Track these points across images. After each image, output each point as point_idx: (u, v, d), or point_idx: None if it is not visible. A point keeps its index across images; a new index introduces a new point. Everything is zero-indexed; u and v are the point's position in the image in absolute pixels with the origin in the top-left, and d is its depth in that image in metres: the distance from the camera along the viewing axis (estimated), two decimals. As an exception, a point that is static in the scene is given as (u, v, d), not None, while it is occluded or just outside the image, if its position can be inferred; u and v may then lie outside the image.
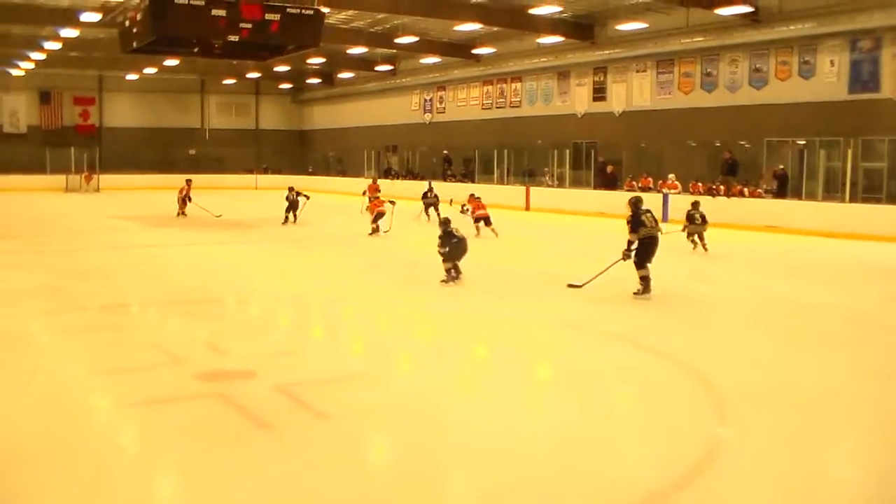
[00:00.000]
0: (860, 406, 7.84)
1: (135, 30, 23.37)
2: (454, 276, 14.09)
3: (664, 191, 27.75)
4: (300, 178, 45.11)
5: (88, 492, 5.73)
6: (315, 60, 43.10)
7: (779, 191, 26.06)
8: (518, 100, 38.67)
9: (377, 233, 21.92)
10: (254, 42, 23.59)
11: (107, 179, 46.61)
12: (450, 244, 13.88)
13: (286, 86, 55.97)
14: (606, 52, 32.49)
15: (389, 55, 43.57)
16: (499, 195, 33.44)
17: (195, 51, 25.53)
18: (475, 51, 37.98)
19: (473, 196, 23.65)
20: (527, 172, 36.18)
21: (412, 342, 10.50)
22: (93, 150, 48.58)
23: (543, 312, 12.10)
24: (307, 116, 58.68)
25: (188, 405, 7.49)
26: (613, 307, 12.61)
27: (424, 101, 45.69)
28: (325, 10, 25.57)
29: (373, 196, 25.84)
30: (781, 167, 26.40)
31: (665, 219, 25.84)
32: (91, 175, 46.46)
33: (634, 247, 13.01)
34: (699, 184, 28.11)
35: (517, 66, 37.14)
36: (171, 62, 43.02)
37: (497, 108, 40.09)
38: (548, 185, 34.19)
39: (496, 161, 37.00)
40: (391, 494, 5.74)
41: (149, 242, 20.54)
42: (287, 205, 25.66)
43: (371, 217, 22.42)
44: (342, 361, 9.43)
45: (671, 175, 28.43)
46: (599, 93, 34.13)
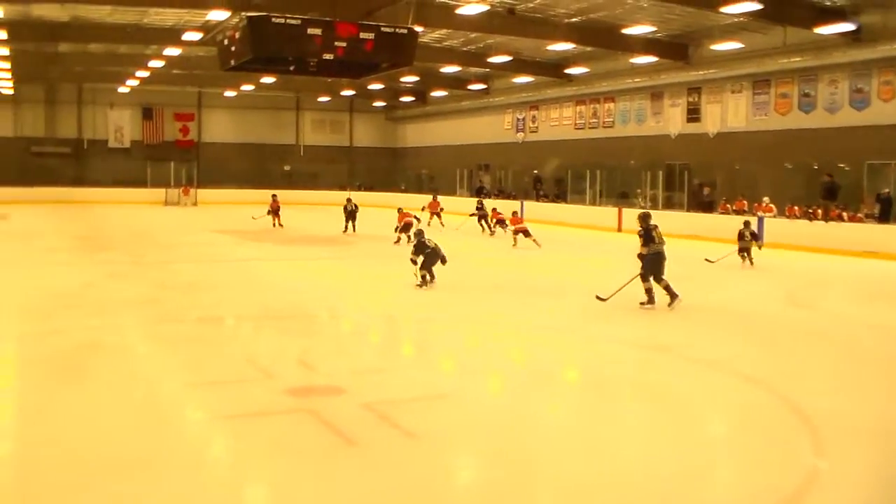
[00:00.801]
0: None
1: (233, 48, 23.87)
2: (428, 282, 15.72)
3: (759, 214, 27.26)
4: (393, 196, 45.59)
5: (181, 503, 5.84)
6: (409, 79, 43.43)
7: (881, 215, 25.29)
8: (611, 120, 38.43)
9: (400, 241, 23.87)
10: (348, 60, 23.88)
11: (204, 193, 47.69)
12: (423, 254, 15.58)
13: (380, 103, 56.47)
14: (701, 73, 32.14)
15: (482, 74, 43.69)
16: (590, 216, 33.33)
17: (291, 69, 25.93)
18: (568, 70, 37.93)
19: (516, 214, 26.89)
20: (619, 194, 35.87)
21: (503, 362, 10.43)
22: (191, 165, 49.92)
23: (629, 334, 11.96)
24: (400, 134, 59.09)
25: (278, 420, 7.58)
26: (698, 330, 12.46)
27: (517, 121, 45.68)
28: (419, 29, 25.83)
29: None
30: (886, 190, 25.63)
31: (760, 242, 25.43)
32: (188, 189, 47.59)
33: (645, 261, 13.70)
34: (795, 207, 27.57)
35: (610, 86, 36.95)
36: (268, 80, 43.84)
37: (590, 129, 39.89)
38: (640, 207, 33.84)
39: (588, 182, 36.77)
40: (476, 516, 5.74)
41: (243, 256, 20.89)
42: (345, 215, 27.42)
43: (399, 226, 24.54)
44: (432, 380, 9.44)
45: (766, 198, 27.90)
46: (693, 113, 33.73)
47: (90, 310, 13.28)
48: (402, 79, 43.29)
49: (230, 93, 51.71)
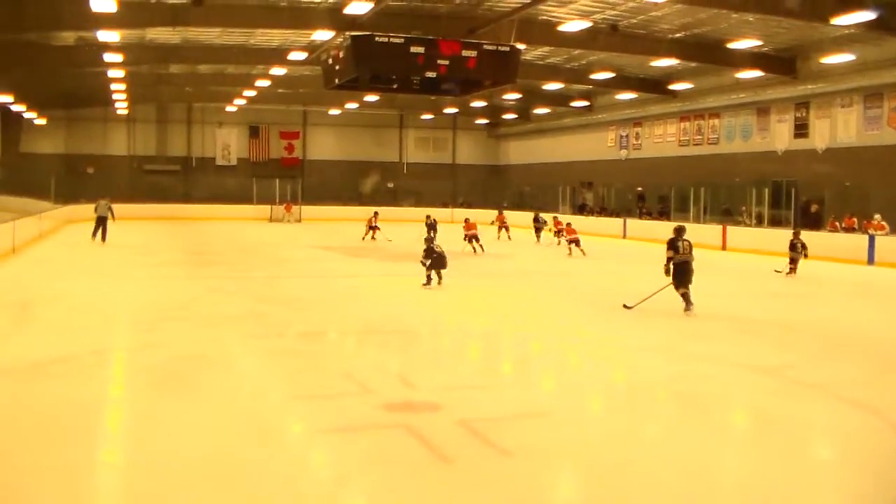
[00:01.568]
0: None
1: (337, 67, 24.24)
2: (435, 282, 17.99)
3: (870, 231, 26.56)
4: (495, 213, 45.65)
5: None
6: (511, 96, 43.49)
7: None
8: (716, 136, 37.89)
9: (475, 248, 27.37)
10: (451, 78, 24.06)
11: (308, 210, 48.39)
12: (431, 258, 17.89)
13: (483, 121, 56.67)
14: (809, 87, 31.44)
15: (585, 91, 43.52)
16: (694, 234, 32.62)
17: (394, 87, 26.25)
18: (672, 86, 37.54)
19: (570, 225, 29.36)
20: (723, 211, 35.29)
21: (601, 381, 10.34)
22: (296, 182, 50.78)
23: (729, 354, 11.69)
24: (503, 151, 59.15)
25: (374, 434, 7.63)
26: (806, 351, 12.10)
27: (620, 138, 45.37)
28: (522, 47, 25.86)
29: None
30: None
31: (871, 261, 24.78)
32: (290, 205, 48.38)
33: (671, 265, 14.74)
34: (909, 226, 26.80)
35: (715, 102, 36.47)
36: (372, 98, 44.40)
37: (694, 145, 39.39)
38: (745, 225, 33.27)
39: (692, 199, 36.26)
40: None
41: (345, 272, 21.14)
42: (426, 229, 28.34)
43: (465, 236, 27.93)
44: (530, 398, 9.37)
45: (877, 215, 27.13)
46: (801, 129, 33.00)
47: (195, 323, 13.59)
48: (505, 96, 43.36)
49: (335, 111, 52.48)
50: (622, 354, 11.85)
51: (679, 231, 15.15)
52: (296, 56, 31.80)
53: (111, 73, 35.99)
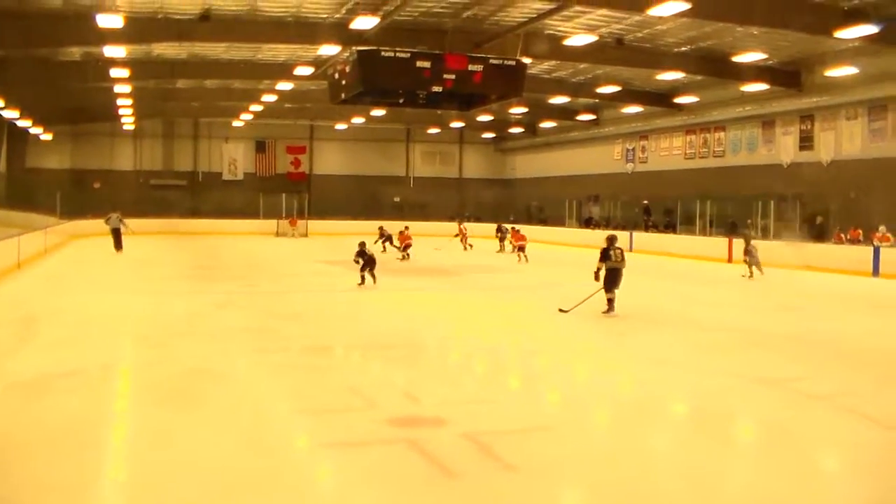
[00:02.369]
0: None
1: (344, 82, 24.36)
2: (368, 283, 20.30)
3: (875, 243, 26.53)
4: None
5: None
6: (517, 110, 43.55)
7: None
8: (721, 149, 37.92)
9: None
10: (458, 92, 24.16)
11: (315, 224, 48.44)
12: (363, 259, 20.42)
13: (489, 135, 56.79)
14: (814, 100, 31.49)
15: (591, 104, 43.60)
16: (700, 247, 32.82)
17: (401, 101, 26.36)
18: (677, 100, 37.61)
19: (516, 230, 32.67)
20: (730, 224, 35.20)
21: (609, 395, 10.25)
22: (303, 197, 50.84)
23: (738, 367, 11.63)
24: (510, 165, 59.22)
25: (379, 449, 7.62)
26: (814, 364, 12.04)
27: (626, 151, 45.41)
28: (528, 61, 25.97)
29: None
30: None
31: (876, 272, 24.76)
32: (295, 220, 48.49)
33: (602, 273, 15.81)
34: (915, 237, 26.75)
35: (720, 115, 36.52)
36: (378, 112, 44.52)
37: (700, 158, 39.42)
38: (752, 238, 33.11)
39: (698, 212, 36.24)
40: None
41: (352, 287, 21.13)
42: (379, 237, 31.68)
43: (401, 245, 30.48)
44: (535, 412, 9.36)
45: (882, 227, 27.10)
46: (806, 141, 33.04)
47: (201, 337, 13.60)
48: (511, 110, 43.41)
49: (341, 126, 52.62)
50: (629, 368, 11.80)
51: (611, 240, 16.28)
52: (302, 71, 31.91)
53: (118, 89, 36.16)
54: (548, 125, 50.20)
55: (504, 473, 7.03)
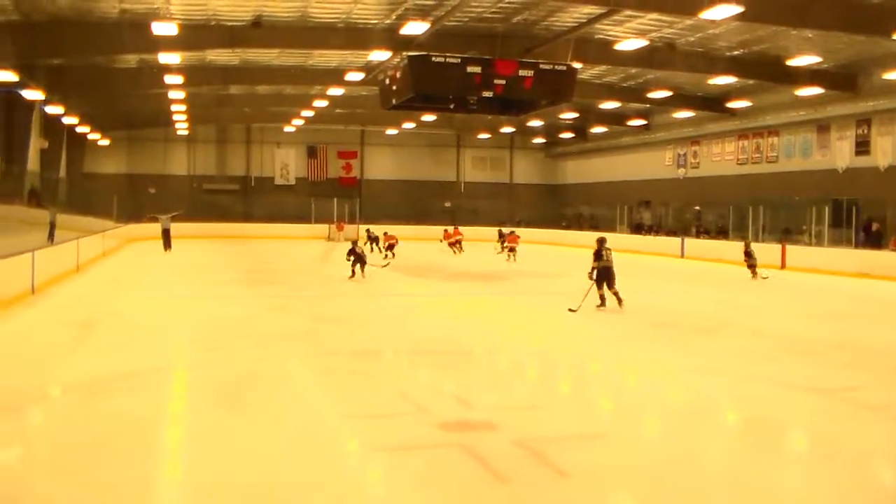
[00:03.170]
0: None
1: (394, 87, 24.43)
2: (358, 276, 23.05)
3: (933, 250, 26.14)
4: (552, 232, 45.74)
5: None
6: (568, 115, 43.47)
7: None
8: (774, 154, 37.51)
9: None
10: (508, 97, 24.12)
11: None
12: (353, 255, 23.15)
13: (540, 140, 56.68)
14: (871, 103, 31.04)
15: (642, 109, 43.38)
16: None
17: (451, 107, 26.36)
18: (730, 104, 37.32)
19: (512, 232, 34.76)
20: (783, 230, 34.83)
21: (660, 403, 10.16)
22: (353, 202, 51.09)
23: (787, 376, 11.47)
24: (560, 170, 59.07)
25: (429, 454, 7.62)
26: (870, 373, 11.77)
27: (678, 156, 45.10)
28: (578, 66, 25.87)
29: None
30: None
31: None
32: (342, 224, 48.69)
33: (594, 272, 17.49)
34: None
35: (774, 120, 36.16)
36: (429, 118, 44.60)
37: (753, 163, 39.03)
38: (805, 244, 32.78)
39: (751, 217, 35.87)
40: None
41: (402, 291, 21.21)
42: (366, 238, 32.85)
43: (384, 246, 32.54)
44: (588, 418, 9.33)
45: (941, 233, 26.68)
46: (862, 146, 32.56)
47: (253, 340, 13.71)
48: (562, 115, 43.36)
49: (392, 131, 52.83)
50: (679, 376, 11.68)
51: (601, 242, 17.72)
52: (353, 76, 32.11)
53: (172, 95, 36.63)
54: (598, 130, 50.02)
55: (556, 480, 6.98)
